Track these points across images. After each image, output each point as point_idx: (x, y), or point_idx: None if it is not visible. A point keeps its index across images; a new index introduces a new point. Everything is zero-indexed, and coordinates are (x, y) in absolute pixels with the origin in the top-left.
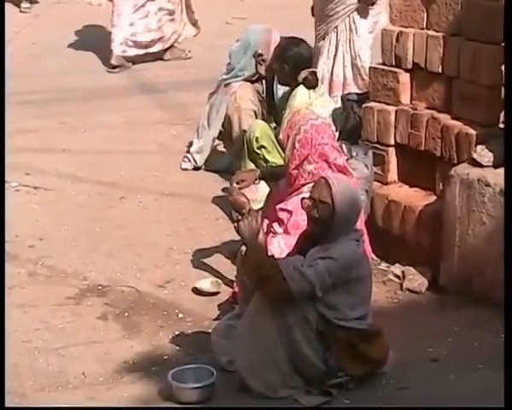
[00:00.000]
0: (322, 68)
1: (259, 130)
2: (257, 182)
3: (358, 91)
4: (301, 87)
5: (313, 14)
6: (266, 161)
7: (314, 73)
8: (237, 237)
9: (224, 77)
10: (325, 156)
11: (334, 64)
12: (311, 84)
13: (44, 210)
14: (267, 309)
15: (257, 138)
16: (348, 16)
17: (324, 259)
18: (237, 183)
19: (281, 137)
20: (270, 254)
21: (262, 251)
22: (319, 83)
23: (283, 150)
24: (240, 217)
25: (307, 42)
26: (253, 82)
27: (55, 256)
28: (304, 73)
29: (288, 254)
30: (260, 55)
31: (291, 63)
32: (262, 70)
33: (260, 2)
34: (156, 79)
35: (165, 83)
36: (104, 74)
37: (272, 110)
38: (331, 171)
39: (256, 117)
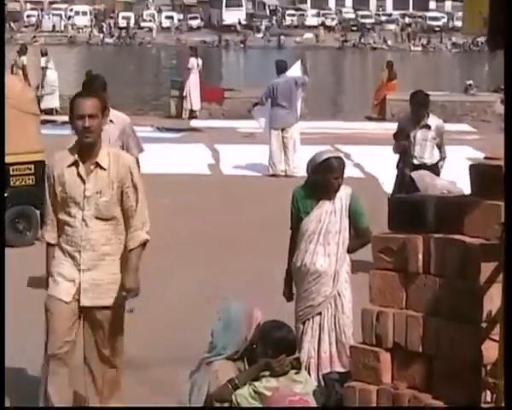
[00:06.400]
0: (308, 347)
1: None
2: None
3: (342, 369)
4: None
5: (288, 300)
6: None
7: (298, 359)
8: None
9: (207, 355)
10: None
11: (320, 341)
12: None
13: None
14: None
15: None
16: (333, 296)
17: None
18: None
19: None
20: None
21: None
22: (302, 367)
23: None
24: None
25: (290, 326)
26: (235, 360)
27: None
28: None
29: None
30: None
31: (274, 348)
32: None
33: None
34: None
35: (145, 357)
36: None
37: None
38: None
39: None
